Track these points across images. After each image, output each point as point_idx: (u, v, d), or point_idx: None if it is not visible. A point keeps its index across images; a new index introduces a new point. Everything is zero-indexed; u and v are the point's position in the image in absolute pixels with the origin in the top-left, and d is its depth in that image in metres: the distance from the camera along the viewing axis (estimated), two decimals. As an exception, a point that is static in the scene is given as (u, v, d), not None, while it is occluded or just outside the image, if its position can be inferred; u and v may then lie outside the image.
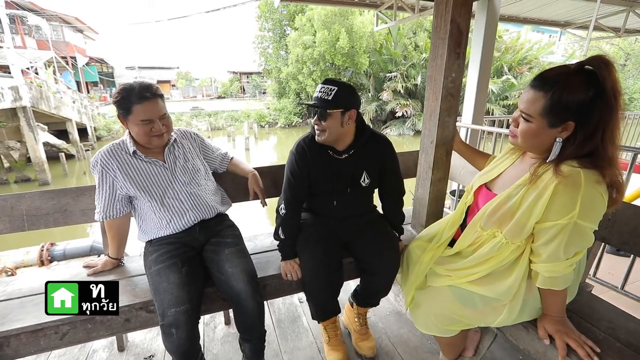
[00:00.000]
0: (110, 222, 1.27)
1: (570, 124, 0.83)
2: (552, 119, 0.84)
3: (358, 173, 1.32)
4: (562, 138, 0.85)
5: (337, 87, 1.18)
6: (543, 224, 0.87)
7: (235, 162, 1.58)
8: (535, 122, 0.87)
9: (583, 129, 0.82)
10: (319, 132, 1.24)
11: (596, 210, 0.83)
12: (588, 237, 0.86)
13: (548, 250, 0.88)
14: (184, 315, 1.08)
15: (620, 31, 5.00)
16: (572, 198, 0.80)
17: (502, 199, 0.95)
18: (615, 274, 2.06)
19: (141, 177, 1.25)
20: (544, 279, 0.93)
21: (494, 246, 0.98)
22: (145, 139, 1.21)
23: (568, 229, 0.83)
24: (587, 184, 0.80)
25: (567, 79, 0.81)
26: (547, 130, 0.86)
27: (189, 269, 1.20)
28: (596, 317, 1.10)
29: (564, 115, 0.82)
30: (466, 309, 1.05)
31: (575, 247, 0.88)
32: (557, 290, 0.94)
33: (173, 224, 1.29)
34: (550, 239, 0.87)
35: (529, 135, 0.89)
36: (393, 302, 1.88)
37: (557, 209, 0.83)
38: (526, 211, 0.89)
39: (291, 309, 1.84)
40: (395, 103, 15.80)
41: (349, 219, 1.42)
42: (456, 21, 1.30)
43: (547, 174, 0.86)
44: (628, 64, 23.38)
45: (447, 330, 1.12)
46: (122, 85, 1.20)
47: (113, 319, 1.19)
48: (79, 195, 1.45)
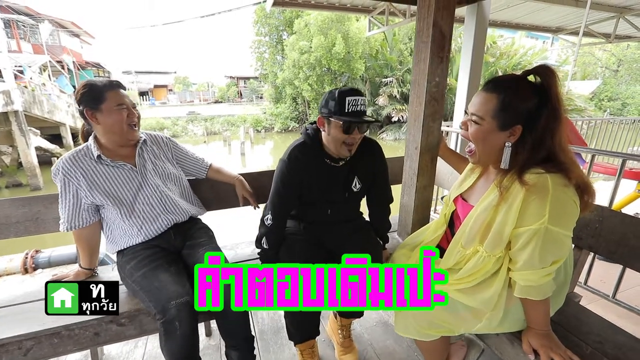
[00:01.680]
0: (78, 232, 1.22)
1: (518, 127, 0.85)
2: (501, 121, 0.86)
3: (350, 178, 1.29)
4: (510, 143, 0.87)
5: (363, 97, 1.16)
6: (517, 230, 0.87)
7: (216, 168, 1.53)
8: (485, 124, 0.88)
9: (531, 135, 0.84)
10: (353, 146, 1.17)
11: (567, 215, 0.82)
12: (562, 244, 0.85)
13: (523, 256, 0.87)
14: (186, 307, 1.03)
15: (611, 37, 5.04)
16: (542, 203, 0.81)
17: (478, 213, 0.95)
18: (607, 281, 2.02)
19: (108, 184, 1.19)
20: (520, 288, 0.90)
21: (477, 261, 0.97)
22: (121, 126, 1.18)
23: (540, 235, 0.82)
24: (555, 188, 0.80)
25: (517, 84, 0.86)
26: (497, 133, 0.88)
27: (177, 268, 1.17)
28: (584, 330, 1.06)
29: (513, 119, 0.85)
30: (447, 313, 1.02)
31: (551, 255, 0.86)
32: (536, 300, 0.90)
33: (145, 230, 1.23)
34: (524, 244, 0.86)
35: (479, 137, 0.91)
36: (380, 311, 1.83)
37: (529, 214, 0.83)
38: (501, 221, 0.89)
39: (275, 319, 1.78)
40: (391, 108, 15.87)
41: (337, 226, 1.38)
42: (438, 24, 1.28)
43: (515, 185, 0.86)
44: (621, 69, 23.70)
45: (426, 334, 1.07)
46: (85, 80, 1.18)
47: (80, 333, 1.13)
48: (52, 203, 1.39)
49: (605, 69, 24.22)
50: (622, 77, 23.48)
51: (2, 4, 14.76)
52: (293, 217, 1.44)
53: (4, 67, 8.78)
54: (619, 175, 1.71)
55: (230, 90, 35.64)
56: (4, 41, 9.78)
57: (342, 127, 1.12)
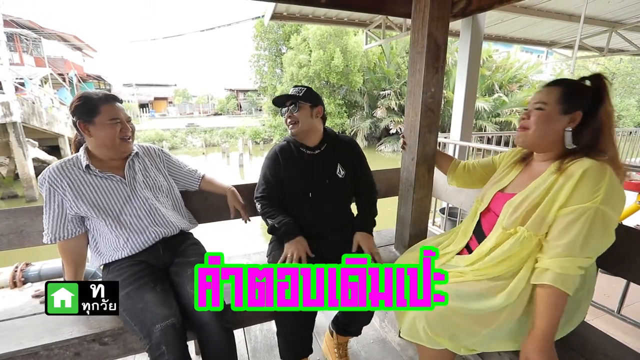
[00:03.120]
0: (62, 244, 1.17)
1: (579, 113, 0.92)
2: (565, 105, 0.93)
3: (333, 165, 1.40)
4: (571, 128, 0.93)
5: (306, 88, 1.37)
6: (565, 209, 0.86)
7: (208, 179, 1.49)
8: (549, 108, 0.95)
9: (590, 123, 0.91)
10: (292, 124, 1.36)
11: (619, 200, 0.84)
12: (609, 229, 0.84)
13: (566, 239, 0.84)
14: (172, 329, 0.97)
15: (604, 51, 5.11)
16: (598, 183, 0.83)
17: (526, 194, 0.96)
18: (610, 295, 1.97)
19: (94, 195, 1.16)
20: (554, 275, 0.84)
21: (515, 242, 0.93)
22: (114, 141, 1.16)
23: (590, 215, 0.82)
24: (612, 174, 0.84)
25: (576, 81, 0.97)
26: (559, 117, 0.94)
27: (164, 288, 1.11)
28: (589, 349, 1.01)
29: (576, 104, 0.92)
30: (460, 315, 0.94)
31: (594, 242, 0.84)
32: (561, 297, 0.84)
33: (131, 242, 1.19)
34: (570, 224, 0.84)
35: (542, 120, 0.96)
36: (378, 328, 1.76)
37: (582, 191, 0.84)
38: (550, 198, 0.89)
39: (269, 337, 1.71)
40: (389, 120, 15.96)
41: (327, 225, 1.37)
42: (433, 35, 1.27)
43: (574, 165, 0.88)
44: (614, 82, 24.09)
45: (432, 340, 0.98)
46: (81, 92, 1.16)
47: (60, 354, 1.07)
48: (38, 215, 1.34)
49: (599, 82, 24.56)
50: (616, 90, 23.84)
51: (7, 18, 14.99)
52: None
53: (4, 79, 8.83)
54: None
55: (230, 103, 35.96)
56: (6, 54, 9.87)
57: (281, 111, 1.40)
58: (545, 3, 3.59)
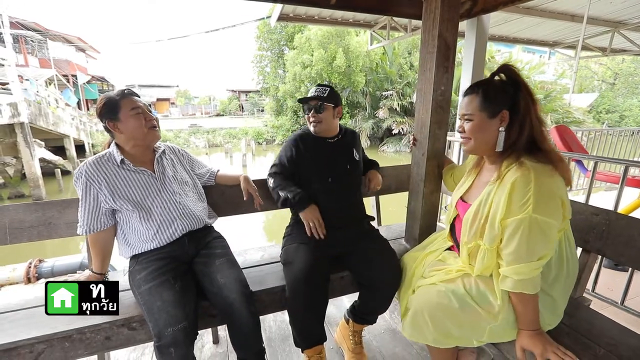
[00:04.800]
0: (94, 235, 1.24)
1: (505, 112, 0.96)
2: (488, 110, 0.97)
3: (350, 150, 1.53)
4: (503, 128, 0.96)
5: (329, 89, 1.45)
6: (505, 221, 0.91)
7: (222, 173, 1.58)
8: (476, 118, 0.99)
9: (517, 116, 0.94)
10: (316, 123, 1.44)
11: (550, 202, 0.87)
12: (549, 235, 0.88)
13: (511, 247, 0.90)
14: (182, 333, 1.03)
15: (607, 51, 5.15)
16: (525, 194, 0.87)
17: (476, 207, 1.00)
18: (614, 289, 2.02)
19: (128, 188, 1.22)
20: (514, 283, 0.92)
21: (483, 257, 0.99)
22: (142, 130, 1.23)
23: (526, 225, 0.87)
24: (538, 177, 0.87)
25: (490, 81, 1.00)
26: (488, 121, 0.98)
27: (183, 285, 1.16)
28: (595, 333, 1.06)
29: (498, 105, 0.96)
30: (460, 307, 0.99)
31: (539, 247, 0.89)
32: (528, 295, 0.92)
33: (160, 234, 1.25)
34: (512, 235, 0.90)
35: (475, 130, 1.00)
36: (388, 319, 1.82)
37: (514, 203, 0.89)
38: (494, 211, 0.94)
39: (282, 327, 1.77)
40: (392, 120, 16.01)
41: (344, 228, 1.41)
42: (443, 36, 1.33)
43: (510, 173, 0.92)
44: (617, 82, 24.03)
45: (441, 342, 1.04)
46: (102, 95, 1.24)
47: (92, 337, 1.14)
48: (65, 208, 1.42)
49: (602, 82, 24.58)
50: (618, 90, 23.79)
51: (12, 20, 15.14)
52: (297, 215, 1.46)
53: (11, 79, 8.93)
54: (622, 181, 1.73)
55: (232, 104, 36.07)
56: (13, 55, 9.99)
57: (303, 108, 1.48)
58: (549, 4, 3.64)
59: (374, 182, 1.59)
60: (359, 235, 1.42)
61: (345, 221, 1.44)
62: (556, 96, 15.70)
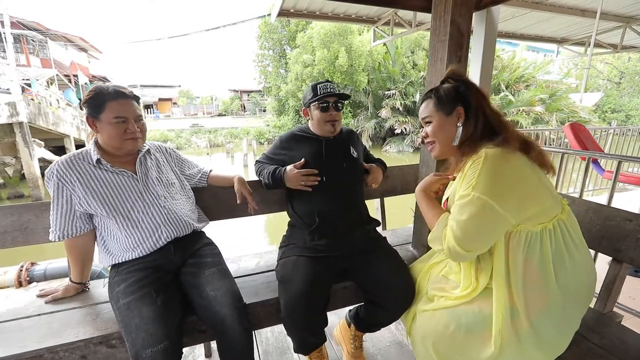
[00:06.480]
0: (70, 241, 1.12)
1: (460, 108, 0.99)
2: (444, 109, 1.01)
3: (346, 147, 1.42)
4: (461, 123, 0.99)
5: (333, 83, 1.36)
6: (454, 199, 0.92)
7: (215, 173, 1.45)
8: (434, 118, 1.03)
9: (471, 111, 0.97)
10: (335, 122, 1.34)
11: (497, 185, 0.84)
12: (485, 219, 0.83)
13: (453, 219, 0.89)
14: (162, 355, 0.91)
15: (618, 47, 5.00)
16: (473, 173, 0.87)
17: (446, 205, 1.02)
18: (636, 298, 1.88)
19: (104, 190, 1.10)
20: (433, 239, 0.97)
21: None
22: (118, 141, 1.10)
23: (467, 201, 0.86)
24: (487, 159, 0.86)
25: (440, 85, 1.05)
26: (446, 119, 1.01)
27: (165, 298, 1.04)
28: (633, 354, 0.93)
29: (452, 103, 1.00)
30: (463, 332, 0.92)
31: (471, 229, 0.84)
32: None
33: (142, 242, 1.13)
34: (455, 208, 0.89)
35: (437, 131, 1.03)
36: (394, 330, 1.69)
37: (464, 186, 0.89)
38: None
39: (280, 339, 1.65)
40: (394, 120, 15.85)
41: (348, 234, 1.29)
42: (456, 22, 1.21)
43: (468, 163, 0.92)
44: (623, 82, 23.78)
45: None
46: (95, 85, 1.11)
47: (66, 357, 1.02)
48: (43, 212, 1.29)
49: (607, 81, 24.30)
50: (624, 89, 23.54)
51: (13, 19, 15.12)
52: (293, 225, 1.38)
53: (11, 79, 8.88)
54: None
55: (234, 104, 36.05)
56: (13, 55, 9.94)
57: (319, 106, 1.32)
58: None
59: (371, 176, 1.47)
60: (365, 246, 1.29)
61: (347, 225, 1.31)
62: (561, 95, 15.51)
